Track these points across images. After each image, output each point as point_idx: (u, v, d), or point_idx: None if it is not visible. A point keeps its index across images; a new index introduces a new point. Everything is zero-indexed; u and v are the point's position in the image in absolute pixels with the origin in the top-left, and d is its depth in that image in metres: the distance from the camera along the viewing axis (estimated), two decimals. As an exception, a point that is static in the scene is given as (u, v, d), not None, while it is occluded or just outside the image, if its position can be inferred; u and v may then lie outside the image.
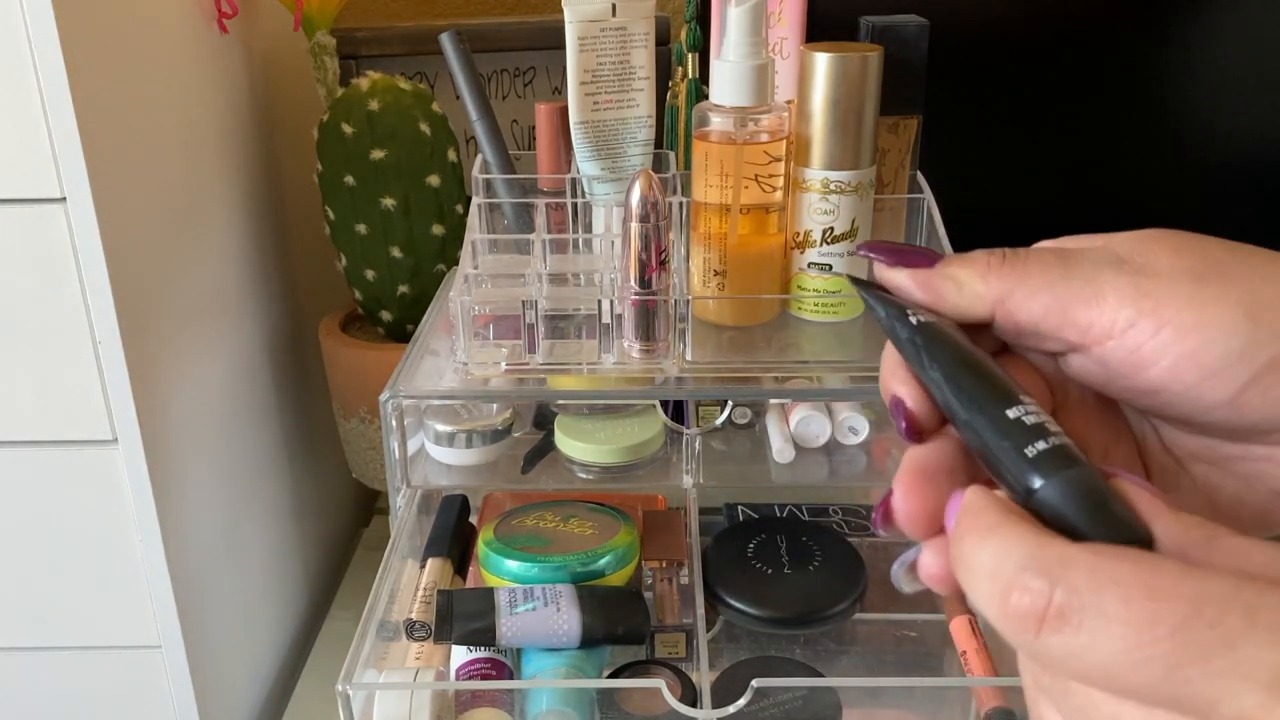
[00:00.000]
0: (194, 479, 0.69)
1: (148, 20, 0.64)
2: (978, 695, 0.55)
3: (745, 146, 0.61)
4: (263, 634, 0.82)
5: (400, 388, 0.61)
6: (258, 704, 0.80)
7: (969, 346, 0.31)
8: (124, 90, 0.60)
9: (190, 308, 0.69)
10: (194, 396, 0.69)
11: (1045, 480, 0.26)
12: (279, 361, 0.85)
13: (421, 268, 0.82)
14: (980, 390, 0.29)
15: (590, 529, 0.63)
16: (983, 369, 0.30)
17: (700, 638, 0.58)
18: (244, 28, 0.79)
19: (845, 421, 0.68)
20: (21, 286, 0.58)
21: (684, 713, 0.53)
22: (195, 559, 0.69)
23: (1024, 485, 0.27)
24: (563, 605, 0.57)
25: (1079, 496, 0.26)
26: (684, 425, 0.68)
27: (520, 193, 0.73)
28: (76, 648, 0.68)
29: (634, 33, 0.66)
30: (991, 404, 0.29)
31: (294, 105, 0.89)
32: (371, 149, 0.77)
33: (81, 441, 0.62)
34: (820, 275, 0.65)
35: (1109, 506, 0.26)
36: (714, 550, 0.66)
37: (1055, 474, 0.26)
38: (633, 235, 0.59)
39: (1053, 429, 0.28)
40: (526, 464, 0.68)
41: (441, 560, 0.63)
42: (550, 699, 0.55)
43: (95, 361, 0.60)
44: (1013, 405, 0.29)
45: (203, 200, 0.72)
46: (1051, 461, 0.27)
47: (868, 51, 0.62)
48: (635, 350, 0.61)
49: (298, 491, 0.89)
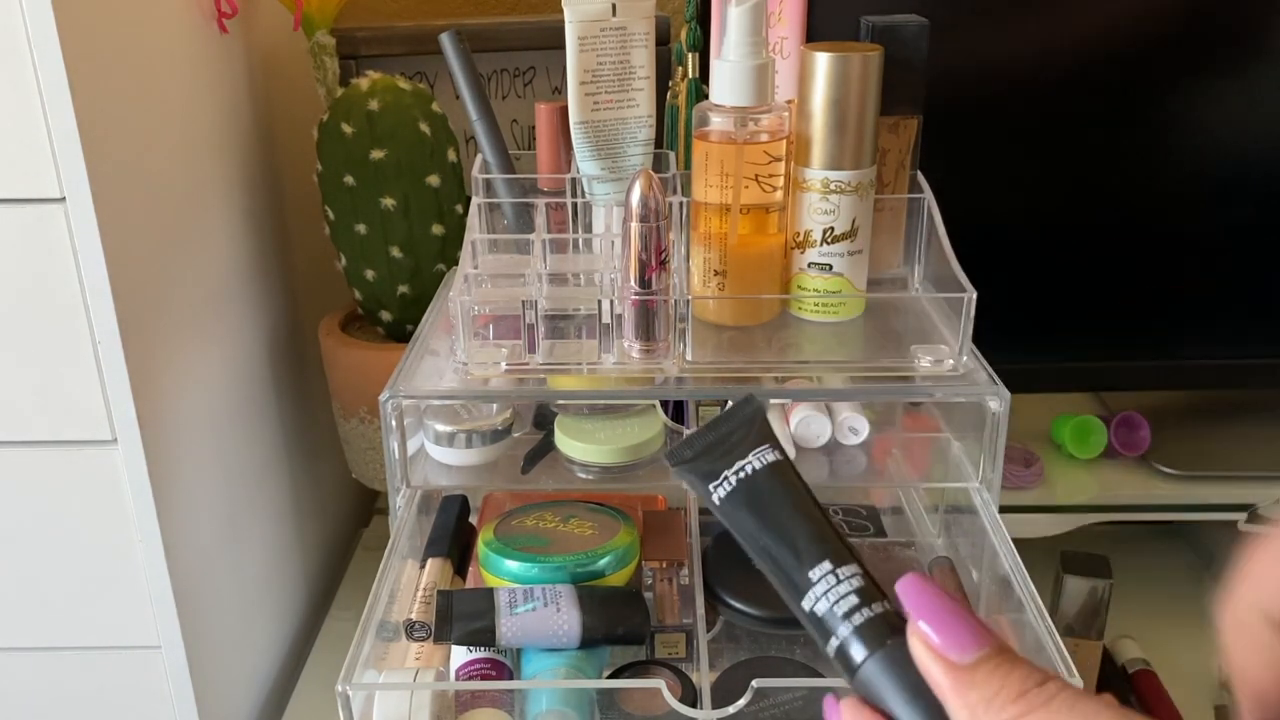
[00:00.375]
0: (194, 479, 0.69)
1: (148, 20, 0.64)
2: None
3: (745, 146, 0.61)
4: (263, 634, 0.82)
5: (400, 388, 0.61)
6: (258, 704, 0.80)
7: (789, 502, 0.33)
8: (124, 90, 0.60)
9: (190, 308, 0.69)
10: (194, 396, 0.69)
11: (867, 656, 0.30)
12: (279, 361, 0.85)
13: (421, 268, 0.82)
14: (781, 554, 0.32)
15: (590, 529, 0.63)
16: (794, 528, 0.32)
17: (700, 638, 0.58)
18: (244, 28, 0.79)
19: (845, 421, 0.68)
20: (21, 286, 0.58)
21: (684, 713, 0.53)
22: (195, 559, 0.69)
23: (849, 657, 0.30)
24: (563, 605, 0.57)
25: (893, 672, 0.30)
26: (684, 425, 0.68)
27: (520, 193, 0.73)
28: (76, 648, 0.68)
29: (634, 33, 0.66)
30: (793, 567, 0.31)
31: (294, 105, 0.89)
32: (371, 149, 0.77)
33: (81, 441, 0.62)
34: (820, 275, 0.65)
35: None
36: (714, 550, 0.66)
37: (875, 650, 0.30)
38: (633, 235, 0.59)
39: (850, 599, 0.31)
40: (526, 464, 0.68)
41: (441, 560, 0.63)
42: (550, 699, 0.55)
43: (95, 361, 0.60)
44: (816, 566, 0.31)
45: (203, 200, 0.72)
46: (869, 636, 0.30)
47: (868, 51, 0.62)
48: (635, 350, 0.61)
49: (298, 491, 0.89)
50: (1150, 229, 0.84)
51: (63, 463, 0.62)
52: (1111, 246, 0.84)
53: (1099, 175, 0.84)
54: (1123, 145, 0.82)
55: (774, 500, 0.33)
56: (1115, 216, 0.84)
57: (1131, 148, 0.82)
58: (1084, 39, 0.80)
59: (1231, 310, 0.87)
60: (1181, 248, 0.85)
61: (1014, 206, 0.85)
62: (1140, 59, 0.80)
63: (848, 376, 0.62)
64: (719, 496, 0.33)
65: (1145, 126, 0.82)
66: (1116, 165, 0.83)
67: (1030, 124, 0.82)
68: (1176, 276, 0.86)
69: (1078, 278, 0.86)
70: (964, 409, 0.64)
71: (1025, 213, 0.85)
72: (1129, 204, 0.84)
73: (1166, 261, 0.85)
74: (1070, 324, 0.88)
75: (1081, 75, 0.81)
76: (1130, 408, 0.90)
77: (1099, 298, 0.86)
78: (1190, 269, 0.85)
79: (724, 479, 0.33)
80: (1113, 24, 0.80)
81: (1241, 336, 0.88)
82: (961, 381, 0.60)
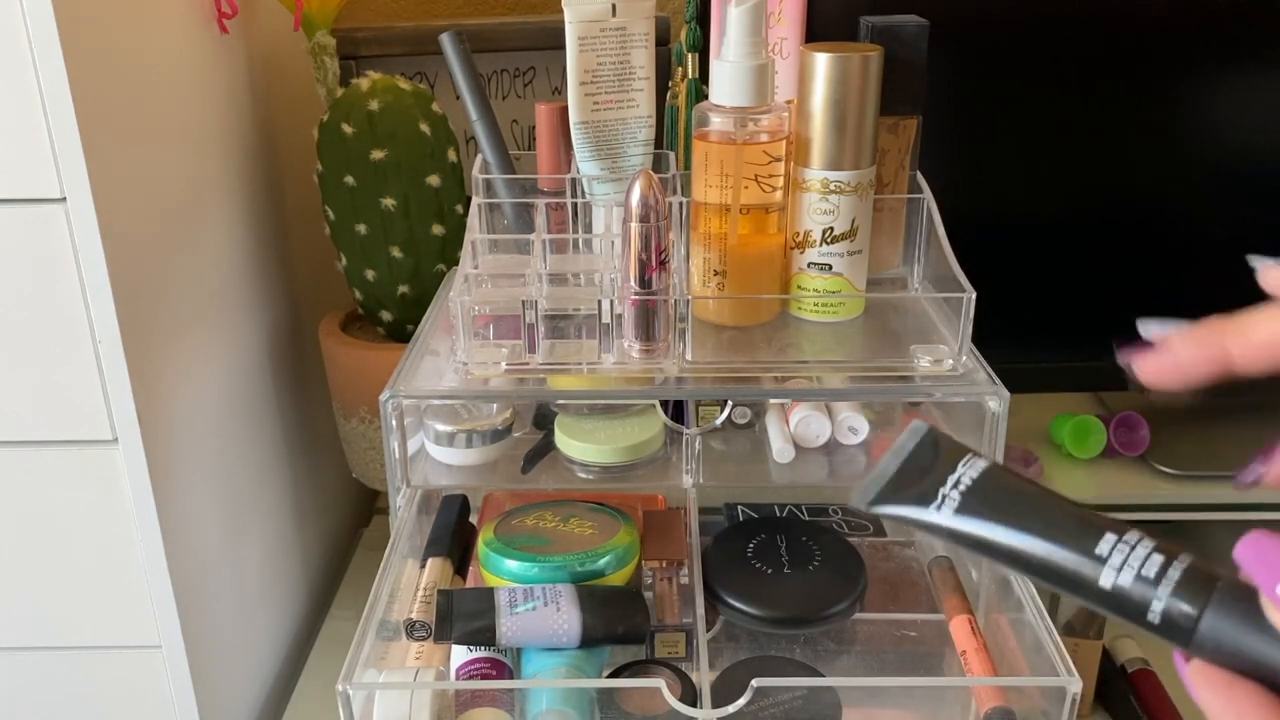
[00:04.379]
0: (194, 479, 0.69)
1: (148, 20, 0.64)
2: (977, 695, 0.55)
3: (745, 146, 0.61)
4: (263, 634, 0.82)
5: (400, 388, 0.61)
6: (258, 704, 0.80)
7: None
8: (124, 90, 0.60)
9: (190, 307, 0.69)
10: (194, 396, 0.69)
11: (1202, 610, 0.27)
12: (279, 361, 0.85)
13: (421, 268, 0.82)
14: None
15: (590, 529, 0.63)
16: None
17: (700, 638, 0.58)
18: (244, 28, 0.79)
19: (845, 421, 0.68)
20: (21, 286, 0.58)
21: (684, 713, 0.53)
22: (195, 559, 0.69)
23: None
24: (563, 605, 0.57)
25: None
26: (684, 425, 0.68)
27: (520, 193, 0.73)
28: (76, 648, 0.68)
29: (634, 33, 0.66)
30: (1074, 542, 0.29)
31: (294, 105, 0.89)
32: (371, 149, 0.77)
33: (81, 441, 0.62)
34: (820, 275, 0.65)
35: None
36: (714, 550, 0.66)
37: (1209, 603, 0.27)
38: (633, 235, 0.59)
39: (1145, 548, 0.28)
40: (526, 464, 0.68)
41: (441, 560, 0.63)
42: (550, 699, 0.55)
43: (95, 361, 0.60)
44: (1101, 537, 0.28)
45: (203, 200, 0.72)
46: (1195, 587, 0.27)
47: (868, 51, 0.62)
48: (635, 350, 0.61)
49: (298, 491, 0.89)
50: (1150, 229, 0.84)
51: (63, 463, 0.63)
52: (1111, 246, 0.84)
53: (1098, 175, 0.84)
54: (1122, 145, 0.82)
55: (1015, 498, 0.31)
56: (1115, 216, 0.84)
57: (1131, 147, 0.83)
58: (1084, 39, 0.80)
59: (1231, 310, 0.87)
60: (1182, 247, 0.85)
61: (1014, 206, 0.85)
62: (1140, 59, 0.80)
63: (847, 376, 0.62)
64: (949, 512, 0.31)
65: (1145, 126, 0.82)
66: (1116, 165, 0.83)
67: (1030, 124, 0.82)
68: (1176, 276, 0.86)
69: (1077, 277, 0.86)
70: (964, 409, 0.64)
71: (1025, 212, 0.85)
72: (1129, 203, 0.84)
73: (1166, 261, 0.85)
74: (1070, 324, 0.88)
75: (1082, 75, 0.81)
76: (1130, 408, 0.90)
77: (1099, 297, 0.86)
78: (1190, 268, 0.86)
79: (943, 497, 0.31)
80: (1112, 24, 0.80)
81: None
82: (961, 381, 0.60)
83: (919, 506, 0.32)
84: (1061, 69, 0.81)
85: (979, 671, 0.57)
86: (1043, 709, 0.53)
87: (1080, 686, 0.50)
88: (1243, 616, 0.27)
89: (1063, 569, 0.29)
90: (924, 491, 0.32)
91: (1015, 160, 0.83)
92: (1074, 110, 0.81)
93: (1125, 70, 0.81)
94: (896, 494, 0.32)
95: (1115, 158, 0.83)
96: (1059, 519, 0.30)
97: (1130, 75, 0.81)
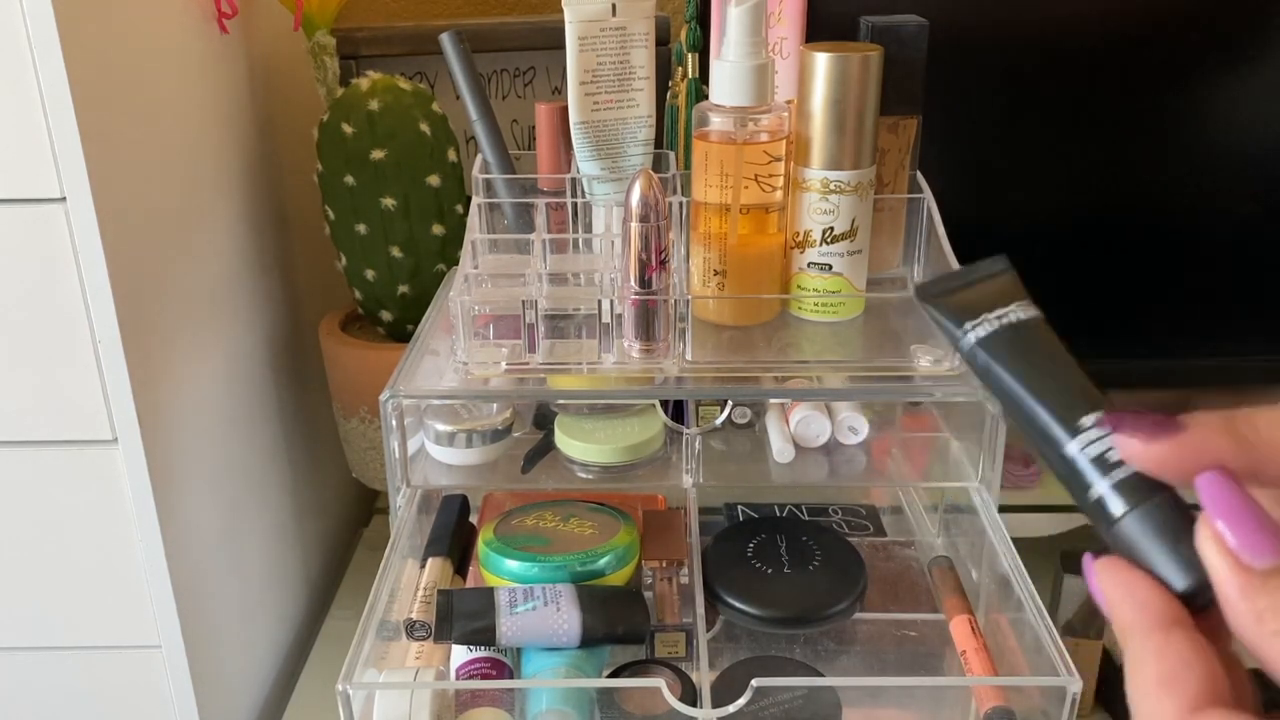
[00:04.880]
0: (194, 479, 0.69)
1: (148, 20, 0.64)
2: (977, 695, 0.55)
3: (745, 146, 0.61)
4: (263, 634, 0.82)
5: (400, 387, 0.61)
6: (258, 704, 0.80)
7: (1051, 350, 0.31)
8: (124, 90, 0.61)
9: (190, 308, 0.69)
10: (194, 396, 0.69)
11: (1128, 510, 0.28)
12: (279, 361, 0.85)
13: (421, 268, 0.82)
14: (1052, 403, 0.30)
15: (590, 529, 0.63)
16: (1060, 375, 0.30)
17: (700, 637, 0.58)
18: (244, 28, 0.79)
19: (845, 421, 0.68)
20: (21, 286, 0.58)
21: (684, 712, 0.53)
22: (195, 559, 0.69)
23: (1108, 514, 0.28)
24: (563, 605, 0.57)
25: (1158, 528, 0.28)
26: (684, 425, 0.68)
27: (520, 193, 0.73)
28: (76, 648, 0.68)
29: (634, 33, 0.66)
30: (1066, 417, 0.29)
31: (294, 105, 0.89)
32: (371, 149, 0.77)
33: (81, 441, 0.62)
34: (820, 275, 0.65)
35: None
36: (714, 550, 0.66)
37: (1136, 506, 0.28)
38: (633, 235, 0.59)
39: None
40: (526, 464, 0.68)
41: (441, 560, 0.63)
42: (550, 699, 0.55)
43: (95, 361, 0.60)
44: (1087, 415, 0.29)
45: (203, 200, 0.72)
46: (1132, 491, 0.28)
47: (868, 51, 0.62)
48: (635, 350, 0.61)
49: (298, 491, 0.89)
50: (1150, 228, 0.84)
51: (63, 463, 0.63)
52: (1111, 246, 0.84)
53: (1099, 175, 0.84)
54: (1123, 145, 0.82)
55: (1043, 347, 0.32)
56: (1115, 216, 0.84)
57: (1131, 147, 0.82)
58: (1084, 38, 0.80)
59: (1231, 310, 0.87)
60: (1181, 247, 0.85)
61: (1014, 206, 0.85)
62: (1140, 59, 0.80)
63: (847, 376, 0.62)
64: (977, 335, 0.32)
65: (1146, 126, 0.82)
66: (1116, 165, 0.83)
67: (1031, 124, 0.82)
68: (1176, 276, 0.86)
69: (1077, 277, 0.86)
70: (963, 409, 0.64)
71: (1025, 212, 0.85)
72: (1128, 203, 0.84)
73: (1166, 261, 0.85)
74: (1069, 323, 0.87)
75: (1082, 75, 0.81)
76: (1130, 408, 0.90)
77: (1099, 297, 0.86)
78: (1190, 268, 0.85)
79: (983, 319, 0.33)
80: (1112, 24, 0.80)
81: (1241, 336, 0.88)
82: (961, 381, 0.60)
83: (955, 319, 0.33)
84: (1062, 69, 0.81)
85: (979, 671, 0.57)
86: (1043, 709, 0.53)
87: (1080, 686, 0.50)
88: (1166, 527, 0.29)
89: (1039, 424, 0.31)
90: (969, 309, 0.33)
91: (1015, 160, 0.83)
92: (1074, 110, 0.81)
93: (1126, 70, 0.80)
94: (946, 298, 0.34)
95: (1116, 158, 0.83)
96: (1063, 385, 0.31)
97: (1131, 75, 0.81)
